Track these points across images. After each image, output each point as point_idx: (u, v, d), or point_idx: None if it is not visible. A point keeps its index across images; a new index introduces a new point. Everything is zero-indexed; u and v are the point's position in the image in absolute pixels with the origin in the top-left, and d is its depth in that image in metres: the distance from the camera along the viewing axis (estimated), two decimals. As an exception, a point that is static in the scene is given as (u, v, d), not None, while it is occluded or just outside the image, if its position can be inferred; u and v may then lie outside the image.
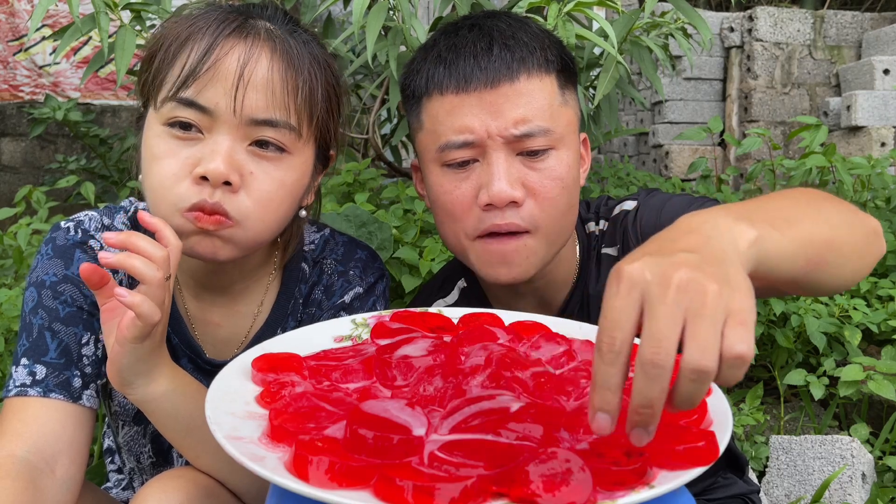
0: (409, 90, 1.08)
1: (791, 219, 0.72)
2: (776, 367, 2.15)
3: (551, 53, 1.03)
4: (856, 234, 0.81)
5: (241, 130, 0.90)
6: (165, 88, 0.90)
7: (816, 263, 0.74)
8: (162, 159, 0.90)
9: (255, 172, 0.91)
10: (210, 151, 0.88)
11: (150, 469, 1.10)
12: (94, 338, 0.98)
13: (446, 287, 1.23)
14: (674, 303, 0.55)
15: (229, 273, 1.03)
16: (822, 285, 0.79)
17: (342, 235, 1.14)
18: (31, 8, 3.95)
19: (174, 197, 0.89)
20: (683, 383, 0.55)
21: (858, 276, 0.83)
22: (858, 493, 1.67)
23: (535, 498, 0.56)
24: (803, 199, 0.80)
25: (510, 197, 0.98)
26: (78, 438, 0.93)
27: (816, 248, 0.73)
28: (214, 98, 0.88)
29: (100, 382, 0.99)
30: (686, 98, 4.53)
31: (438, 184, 1.03)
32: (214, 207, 0.88)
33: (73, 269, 0.98)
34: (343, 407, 0.70)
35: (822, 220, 0.76)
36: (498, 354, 0.77)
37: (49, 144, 4.22)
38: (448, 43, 1.03)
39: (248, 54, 0.90)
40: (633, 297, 0.57)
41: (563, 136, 1.02)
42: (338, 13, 2.51)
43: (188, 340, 1.05)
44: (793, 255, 0.70)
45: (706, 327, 0.54)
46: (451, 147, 1.00)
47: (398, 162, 2.39)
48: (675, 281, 0.56)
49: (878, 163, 2.53)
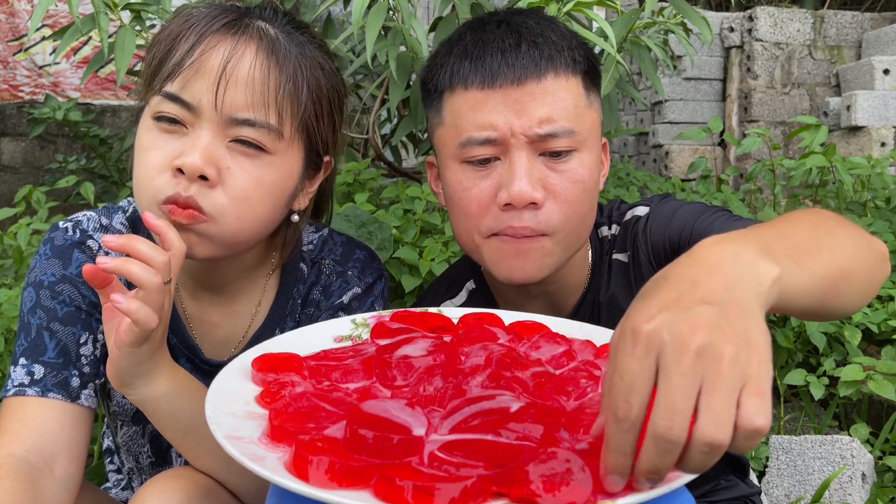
0: (430, 84, 1.05)
1: (811, 250, 0.70)
2: (776, 367, 2.15)
3: (578, 54, 1.01)
4: (866, 262, 0.79)
5: (221, 126, 0.90)
6: (155, 83, 0.91)
7: (830, 295, 0.72)
8: (147, 151, 0.90)
9: (233, 168, 0.90)
10: (190, 146, 0.88)
11: (149, 469, 1.10)
12: (93, 337, 0.98)
13: (454, 288, 1.21)
14: (691, 371, 0.54)
15: (224, 272, 1.03)
16: (832, 313, 0.77)
17: (341, 236, 1.14)
18: (31, 8, 3.95)
19: (153, 189, 0.89)
20: (695, 454, 0.54)
21: (865, 301, 0.81)
22: (858, 493, 1.67)
23: (535, 498, 0.56)
24: (821, 225, 0.77)
25: (530, 198, 0.96)
26: (76, 438, 0.93)
27: (832, 280, 0.72)
28: (197, 94, 0.88)
29: (98, 382, 0.99)
30: (686, 98, 4.53)
31: (457, 180, 1.01)
32: (188, 201, 0.87)
33: (72, 269, 0.98)
34: (343, 407, 0.70)
35: (838, 249, 0.74)
36: (498, 354, 0.77)
37: (49, 144, 4.22)
38: (475, 38, 1.01)
39: (232, 51, 0.89)
40: (650, 360, 0.55)
41: (586, 139, 1.00)
42: (338, 13, 2.50)
43: (186, 340, 1.05)
44: (812, 289, 0.68)
45: (722, 399, 0.53)
46: (473, 143, 0.98)
47: (398, 162, 2.39)
48: (692, 347, 0.54)
49: (878, 163, 2.53)
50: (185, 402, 0.88)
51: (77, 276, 0.98)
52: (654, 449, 0.54)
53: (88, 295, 0.97)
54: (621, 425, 0.55)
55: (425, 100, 1.08)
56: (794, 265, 0.65)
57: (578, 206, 0.99)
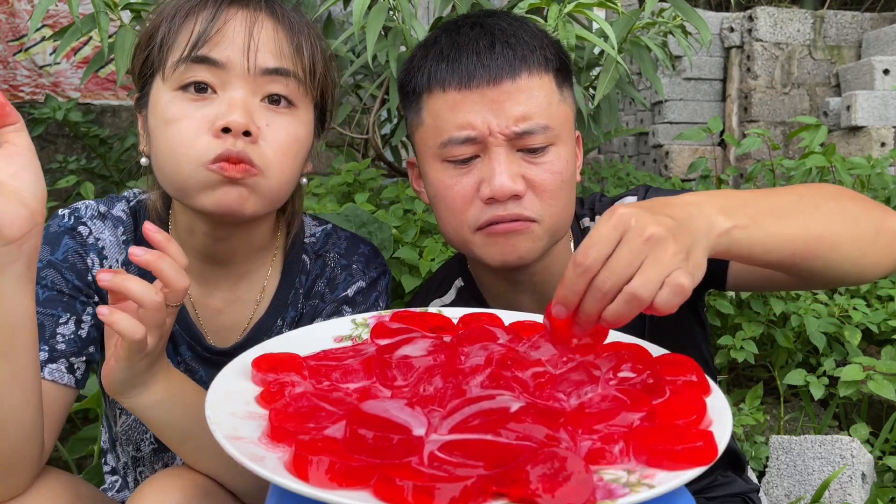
0: (408, 87, 1.08)
1: (781, 214, 0.82)
2: (776, 367, 2.15)
3: (550, 52, 1.04)
4: (858, 231, 0.87)
5: (253, 84, 0.93)
6: (175, 54, 0.93)
7: (805, 256, 0.83)
8: (178, 121, 0.92)
9: (271, 125, 0.94)
10: (227, 105, 0.91)
11: (151, 456, 1.10)
12: (76, 319, 0.98)
13: (444, 287, 1.23)
14: (638, 249, 0.70)
15: (235, 247, 1.04)
16: (820, 275, 0.88)
17: (344, 231, 1.16)
18: (30, 8, 3.95)
19: (196, 153, 0.90)
20: (618, 302, 0.70)
21: (868, 270, 0.89)
22: (858, 493, 1.67)
23: (535, 498, 0.56)
24: (808, 196, 0.87)
25: (512, 191, 0.99)
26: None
27: (804, 242, 0.83)
28: (228, 52, 0.92)
29: (80, 360, 0.97)
30: (686, 98, 4.53)
31: (439, 179, 1.05)
32: (240, 155, 0.90)
33: (58, 254, 1.00)
34: (343, 407, 0.70)
35: (818, 217, 0.85)
36: (498, 354, 0.77)
37: (49, 144, 4.22)
38: (450, 40, 1.04)
39: (252, 18, 0.94)
40: (616, 232, 0.71)
41: (560, 133, 1.04)
42: (338, 13, 2.50)
43: (189, 326, 1.05)
44: (774, 246, 0.81)
45: (656, 270, 0.69)
46: (454, 143, 1.01)
47: (398, 162, 2.39)
48: (646, 233, 0.70)
49: (877, 163, 2.53)
50: (181, 409, 0.87)
51: (62, 262, 0.99)
52: (590, 295, 0.71)
53: (72, 279, 0.99)
54: (577, 269, 0.72)
55: (404, 102, 1.11)
56: (752, 223, 0.79)
57: (558, 196, 1.03)
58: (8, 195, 0.74)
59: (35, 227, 0.76)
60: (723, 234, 0.77)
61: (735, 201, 0.81)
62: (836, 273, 0.88)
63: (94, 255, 1.02)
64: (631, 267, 0.69)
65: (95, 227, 1.03)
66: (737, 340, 2.04)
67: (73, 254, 1.01)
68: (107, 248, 1.03)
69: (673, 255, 0.70)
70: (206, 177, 0.90)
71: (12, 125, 0.77)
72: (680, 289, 0.69)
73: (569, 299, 0.73)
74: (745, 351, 2.03)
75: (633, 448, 0.64)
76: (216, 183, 0.91)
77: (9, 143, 0.77)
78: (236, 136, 0.90)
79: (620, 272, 0.70)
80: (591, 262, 0.71)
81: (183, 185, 0.92)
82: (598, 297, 0.71)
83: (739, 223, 0.78)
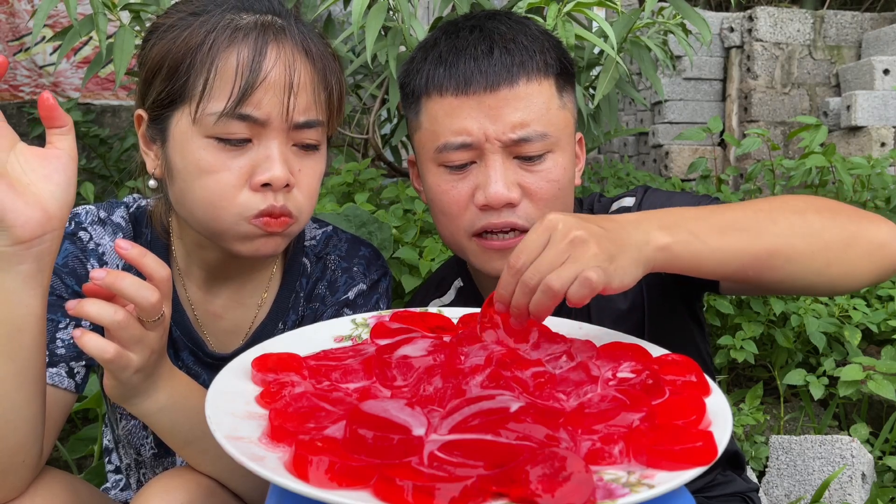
0: (408, 88, 1.08)
1: (727, 230, 0.84)
2: (776, 367, 2.15)
3: (550, 56, 1.03)
4: (819, 242, 0.86)
5: (287, 135, 0.94)
6: (214, 104, 0.90)
7: (757, 268, 0.85)
8: (215, 173, 0.91)
9: (303, 169, 0.96)
10: (265, 158, 0.92)
11: (152, 460, 1.10)
12: (76, 324, 0.98)
13: (443, 287, 1.23)
14: (562, 251, 0.76)
15: (242, 262, 1.04)
16: (782, 285, 0.89)
17: (345, 233, 1.15)
18: (31, 8, 3.95)
19: (238, 208, 0.92)
20: (538, 295, 0.77)
21: (840, 280, 0.88)
22: (858, 493, 1.67)
23: (535, 498, 0.56)
24: (766, 211, 0.87)
25: (506, 199, 0.99)
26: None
27: (754, 256, 0.84)
28: (268, 109, 0.91)
29: (81, 364, 0.97)
30: (686, 98, 4.53)
31: (436, 183, 1.05)
32: (283, 210, 0.93)
33: (58, 259, 0.99)
34: (343, 407, 0.70)
35: (774, 230, 0.85)
36: (498, 354, 0.77)
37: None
38: (449, 44, 1.03)
39: (290, 60, 0.92)
40: (544, 235, 0.77)
41: (559, 140, 1.03)
42: (338, 13, 2.51)
43: (190, 333, 1.05)
44: (721, 260, 0.83)
45: (573, 266, 0.75)
46: (449, 148, 1.01)
47: (398, 162, 2.39)
48: (570, 236, 0.76)
49: (877, 163, 2.53)
50: (185, 414, 0.87)
51: (62, 267, 0.99)
52: (518, 290, 0.78)
53: (72, 284, 0.99)
54: (510, 271, 0.79)
55: (404, 102, 1.11)
56: (693, 239, 0.82)
57: (555, 204, 1.03)
58: (28, 196, 0.74)
59: (51, 232, 0.76)
60: (662, 248, 0.80)
61: (677, 218, 0.84)
62: (799, 283, 0.88)
63: (94, 261, 1.01)
64: (553, 265, 0.75)
65: (96, 233, 1.03)
66: (737, 340, 2.05)
67: (73, 259, 1.00)
68: (107, 254, 1.02)
69: (593, 255, 0.75)
70: (248, 230, 0.93)
71: (59, 128, 0.78)
72: (587, 282, 0.73)
73: (503, 297, 0.80)
74: (744, 351, 2.03)
75: (633, 448, 0.63)
76: (256, 235, 0.93)
77: (52, 144, 0.78)
78: (277, 191, 0.92)
79: (544, 270, 0.76)
80: (521, 265, 0.78)
81: (220, 232, 0.94)
82: (524, 291, 0.78)
83: (680, 238, 0.81)
